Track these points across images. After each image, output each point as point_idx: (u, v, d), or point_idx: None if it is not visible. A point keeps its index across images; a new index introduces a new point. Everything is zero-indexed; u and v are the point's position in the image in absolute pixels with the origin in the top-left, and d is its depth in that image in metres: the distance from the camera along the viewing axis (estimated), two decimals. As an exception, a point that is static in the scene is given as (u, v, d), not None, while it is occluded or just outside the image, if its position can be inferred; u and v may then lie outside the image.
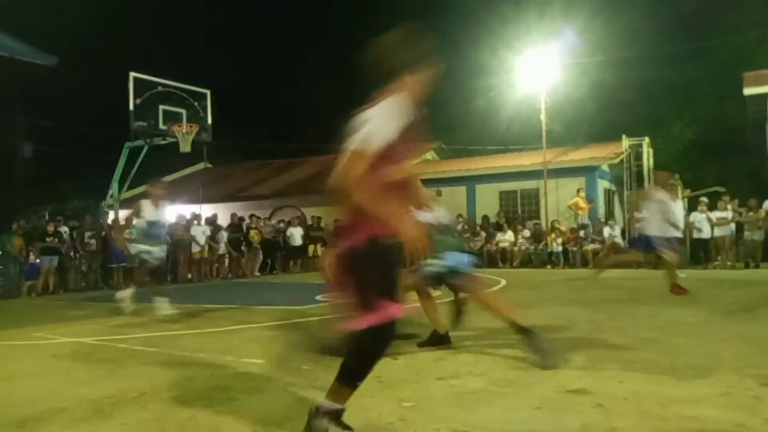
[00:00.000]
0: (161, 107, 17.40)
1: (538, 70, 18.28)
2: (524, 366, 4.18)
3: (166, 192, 8.37)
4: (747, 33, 23.93)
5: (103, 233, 14.87)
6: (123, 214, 17.68)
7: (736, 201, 15.02)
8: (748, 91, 17.22)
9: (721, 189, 16.15)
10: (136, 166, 18.53)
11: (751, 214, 14.45)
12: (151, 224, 7.67)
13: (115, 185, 18.54)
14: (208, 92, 18.83)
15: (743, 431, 2.79)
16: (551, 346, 4.23)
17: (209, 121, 18.71)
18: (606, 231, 16.33)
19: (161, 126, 17.42)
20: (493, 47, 23.26)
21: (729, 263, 14.25)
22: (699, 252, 14.87)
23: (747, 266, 13.95)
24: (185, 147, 17.72)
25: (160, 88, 17.47)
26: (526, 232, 17.55)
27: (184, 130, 17.56)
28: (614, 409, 3.12)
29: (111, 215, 17.74)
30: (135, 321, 7.59)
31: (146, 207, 7.72)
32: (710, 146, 25.02)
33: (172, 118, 17.59)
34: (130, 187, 20.58)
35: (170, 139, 17.93)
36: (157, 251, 7.69)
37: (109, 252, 14.47)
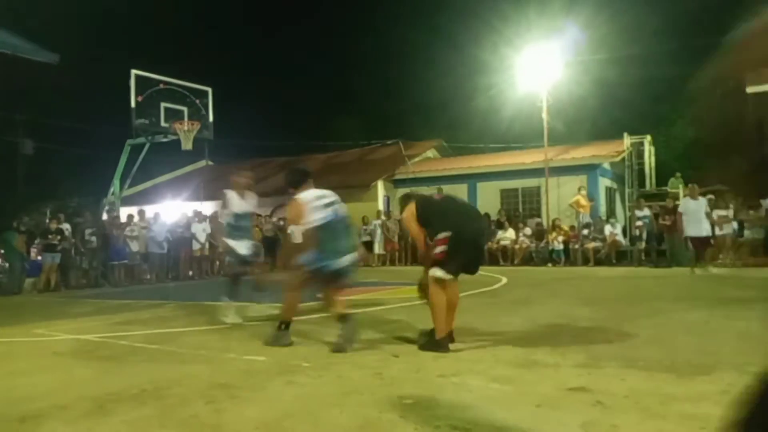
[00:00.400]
0: (163, 105, 17.45)
1: (539, 67, 18.27)
2: (525, 364, 4.19)
3: (251, 181, 7.57)
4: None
5: (105, 230, 14.89)
6: (124, 211, 17.78)
7: (740, 199, 14.95)
8: (750, 89, 17.20)
9: (723, 187, 16.10)
10: (138, 163, 18.58)
11: (751, 212, 14.41)
12: (239, 216, 7.06)
13: (116, 182, 18.59)
14: (209, 90, 18.86)
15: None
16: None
17: (211, 118, 18.74)
18: (607, 229, 16.33)
19: (163, 123, 17.46)
20: (494, 45, 23.27)
21: (729, 260, 14.21)
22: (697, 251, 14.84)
23: (746, 265, 13.91)
24: (187, 145, 17.76)
25: (161, 86, 17.51)
26: (528, 230, 17.55)
27: (186, 128, 17.59)
28: (615, 407, 3.12)
29: (114, 212, 17.79)
30: (136, 318, 7.60)
31: (232, 198, 7.09)
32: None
33: (173, 116, 17.62)
34: (131, 185, 20.62)
35: (171, 137, 17.96)
36: (243, 246, 6.94)
37: (110, 249, 14.50)
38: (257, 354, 4.80)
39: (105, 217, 17.42)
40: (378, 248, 18.69)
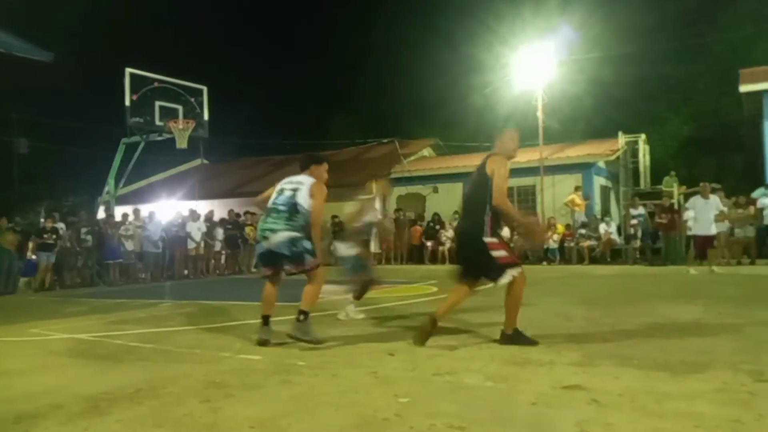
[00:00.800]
0: (157, 103, 17.38)
1: (534, 66, 18.28)
2: (520, 362, 4.19)
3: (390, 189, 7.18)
4: (743, 29, 23.97)
5: (100, 229, 14.84)
6: (119, 210, 17.72)
7: (737, 199, 14.96)
8: (744, 88, 17.24)
9: (717, 186, 16.17)
10: (132, 162, 18.52)
11: (740, 211, 14.44)
12: (370, 225, 6.81)
13: (111, 181, 18.52)
14: (204, 88, 18.79)
15: (738, 427, 2.80)
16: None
17: (206, 117, 18.68)
18: (602, 227, 16.37)
19: (157, 122, 17.40)
20: (489, 43, 23.28)
21: (724, 259, 14.26)
22: (692, 249, 14.88)
23: (740, 263, 13.96)
24: (182, 143, 17.70)
25: (156, 84, 17.45)
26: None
27: (181, 127, 17.54)
28: (610, 405, 3.13)
29: (109, 211, 17.73)
30: (131, 317, 7.59)
31: (373, 205, 6.80)
32: (706, 143, 25.07)
33: (168, 114, 17.57)
34: (126, 184, 20.55)
35: (166, 135, 17.91)
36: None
37: (105, 248, 14.44)
38: (252, 353, 4.80)
39: (101, 215, 17.36)
40: (374, 247, 18.65)
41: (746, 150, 21.25)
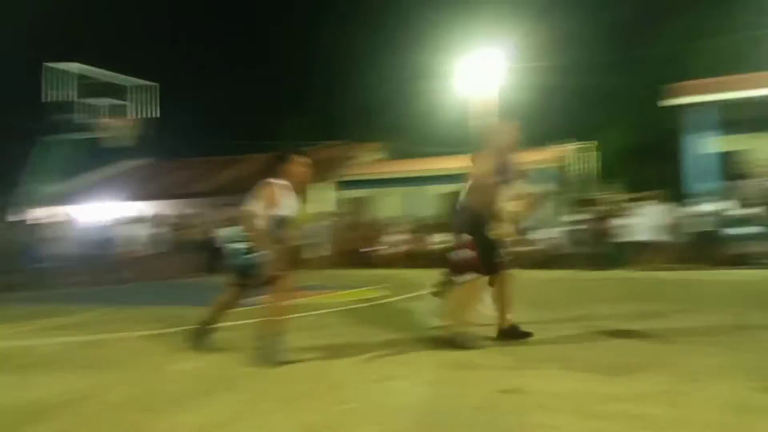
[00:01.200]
0: (101, 100, 16.92)
1: (478, 74, 18.57)
2: (464, 366, 4.20)
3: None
4: (682, 43, 24.98)
5: (30, 231, 14.23)
6: (55, 210, 17.05)
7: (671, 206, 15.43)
8: (666, 102, 18.09)
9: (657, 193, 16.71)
10: (72, 160, 17.91)
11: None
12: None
13: (34, 180, 17.82)
14: (155, 85, 18.38)
15: (682, 428, 2.87)
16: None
17: (151, 114, 18.26)
18: (546, 233, 16.70)
19: (102, 119, 16.93)
20: (434, 50, 23.54)
21: (665, 264, 14.60)
22: (633, 254, 15.32)
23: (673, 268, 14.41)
24: (123, 141, 17.26)
25: (95, 80, 16.97)
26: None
27: (123, 124, 17.09)
28: (554, 408, 3.16)
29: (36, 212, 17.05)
30: (66, 323, 7.27)
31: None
32: (645, 151, 26.01)
33: (113, 111, 17.13)
34: (62, 182, 19.86)
35: (109, 133, 17.41)
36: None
37: (37, 250, 13.83)
38: (196, 360, 4.66)
39: (28, 216, 16.63)
40: (323, 250, 18.53)
41: (672, 161, 22.11)
